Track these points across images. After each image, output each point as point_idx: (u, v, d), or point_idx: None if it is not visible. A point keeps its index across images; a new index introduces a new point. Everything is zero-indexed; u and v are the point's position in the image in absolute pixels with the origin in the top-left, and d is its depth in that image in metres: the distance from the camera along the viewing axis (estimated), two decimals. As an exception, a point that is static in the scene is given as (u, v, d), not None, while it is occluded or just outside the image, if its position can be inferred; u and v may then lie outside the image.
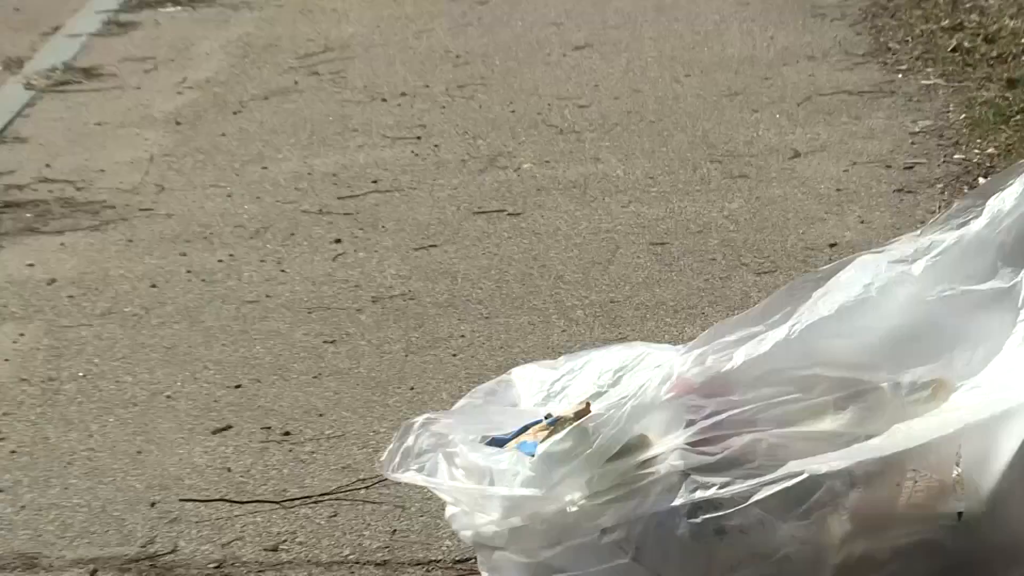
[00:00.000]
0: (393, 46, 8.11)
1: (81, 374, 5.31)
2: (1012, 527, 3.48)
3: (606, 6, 8.50)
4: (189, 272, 5.95)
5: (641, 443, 3.47)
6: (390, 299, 5.67)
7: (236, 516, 4.52)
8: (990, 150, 6.31)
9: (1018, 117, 6.55)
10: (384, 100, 7.41)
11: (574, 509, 3.48)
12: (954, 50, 7.48)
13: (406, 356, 5.27)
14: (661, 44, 7.91)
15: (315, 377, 5.21)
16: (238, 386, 5.19)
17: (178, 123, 7.28)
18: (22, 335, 5.60)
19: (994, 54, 7.36)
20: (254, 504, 4.55)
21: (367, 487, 4.38)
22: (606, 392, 3.55)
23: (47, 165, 6.84)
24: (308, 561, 4.29)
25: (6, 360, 5.42)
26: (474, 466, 3.54)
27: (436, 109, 7.29)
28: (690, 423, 3.44)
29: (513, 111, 7.18)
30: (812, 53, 7.76)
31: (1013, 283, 3.44)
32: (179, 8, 8.84)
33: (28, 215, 6.38)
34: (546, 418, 3.57)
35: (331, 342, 5.42)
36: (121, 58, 8.17)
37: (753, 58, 7.74)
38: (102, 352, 5.45)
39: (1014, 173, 3.49)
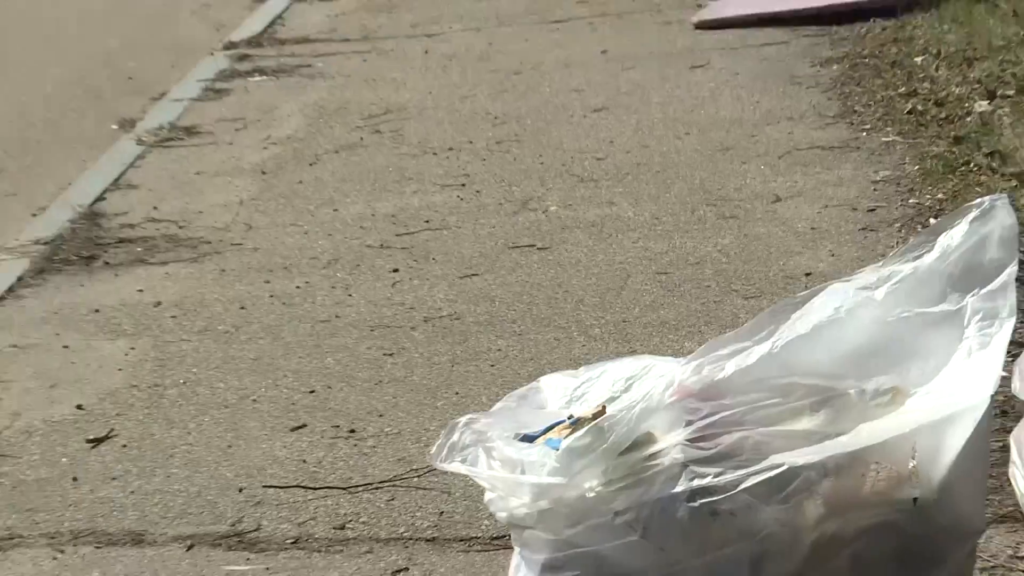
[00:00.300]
0: (442, 109, 8.12)
1: (181, 381, 5.34)
2: (958, 511, 3.48)
3: (619, 76, 8.50)
4: (272, 296, 5.98)
5: (648, 439, 3.47)
6: (439, 319, 5.68)
7: (309, 500, 4.54)
8: (939, 196, 6.30)
9: (963, 168, 6.54)
10: (435, 154, 7.42)
11: (592, 495, 3.48)
12: (909, 112, 7.46)
13: (452, 367, 5.27)
14: (665, 108, 7.91)
15: (376, 384, 5.22)
16: (312, 391, 5.21)
17: (263, 173, 7.29)
18: (132, 348, 5.63)
19: (943, 116, 7.34)
20: (325, 490, 4.57)
21: (419, 476, 4.41)
22: (619, 397, 3.54)
23: (154, 207, 6.86)
24: (369, 538, 4.30)
25: (119, 369, 5.44)
26: (508, 458, 3.54)
27: (478, 161, 7.29)
28: (689, 423, 3.44)
29: (542, 163, 7.18)
30: (791, 115, 7.74)
31: (959, 307, 3.44)
32: (265, 78, 8.86)
33: (138, 249, 6.43)
34: (569, 419, 3.57)
35: (389, 355, 5.43)
36: (216, 119, 8.17)
37: (742, 119, 7.73)
38: (199, 363, 5.48)
39: (960, 215, 3.49)
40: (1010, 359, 3.47)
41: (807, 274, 5.42)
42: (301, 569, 4.17)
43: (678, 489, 3.39)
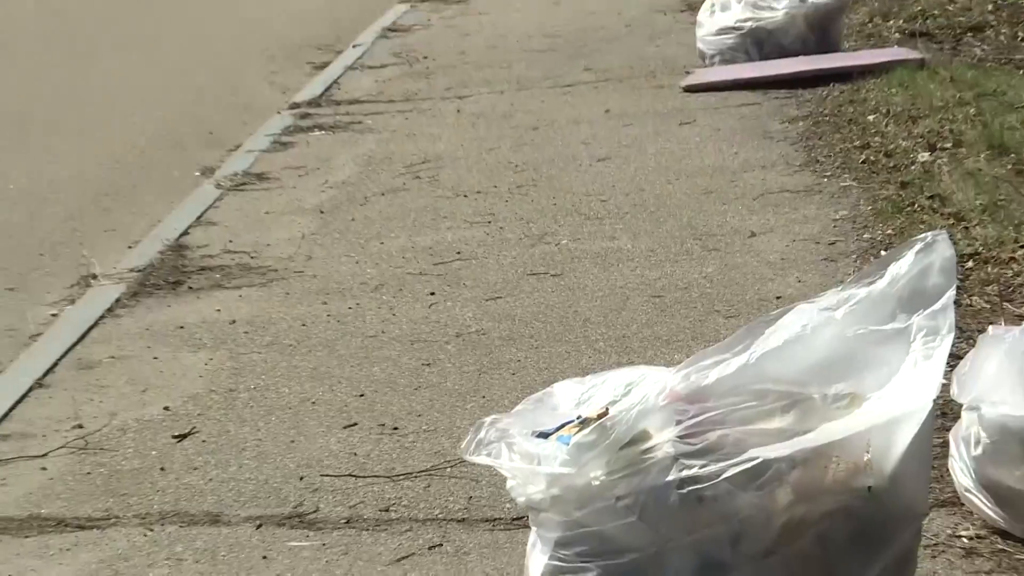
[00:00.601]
0: (471, 159, 8.14)
1: (252, 387, 5.35)
2: (906, 497, 3.48)
3: (620, 131, 8.51)
4: (328, 315, 5.99)
5: (644, 436, 3.47)
6: (468, 335, 5.68)
7: (359, 487, 4.54)
8: (889, 231, 6.29)
9: (908, 209, 6.53)
10: (465, 196, 7.43)
11: (596, 483, 3.47)
12: (863, 162, 7.46)
13: (479, 375, 5.28)
14: (658, 157, 7.91)
15: (415, 389, 5.23)
16: (362, 395, 5.22)
17: (321, 212, 7.32)
18: (211, 359, 5.65)
19: (891, 165, 7.33)
20: (372, 478, 4.57)
21: (452, 466, 4.44)
22: (619, 400, 3.53)
23: (230, 241, 6.89)
24: (410, 519, 4.30)
25: (200, 377, 5.47)
26: (526, 452, 3.54)
27: (501, 202, 7.30)
28: (679, 422, 3.44)
29: (555, 204, 7.18)
30: (764, 164, 7.74)
31: (907, 325, 3.44)
32: (323, 132, 8.90)
33: (217, 276, 6.47)
34: (577, 419, 3.57)
35: (427, 364, 5.43)
36: (282, 167, 8.21)
37: (723, 167, 7.73)
38: (267, 371, 5.51)
39: (906, 247, 3.48)
40: (949, 369, 3.48)
41: (778, 297, 5.42)
42: (352, 545, 4.19)
43: (670, 478, 3.38)
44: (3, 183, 8.37)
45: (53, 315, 6.27)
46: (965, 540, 4.01)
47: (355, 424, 4.99)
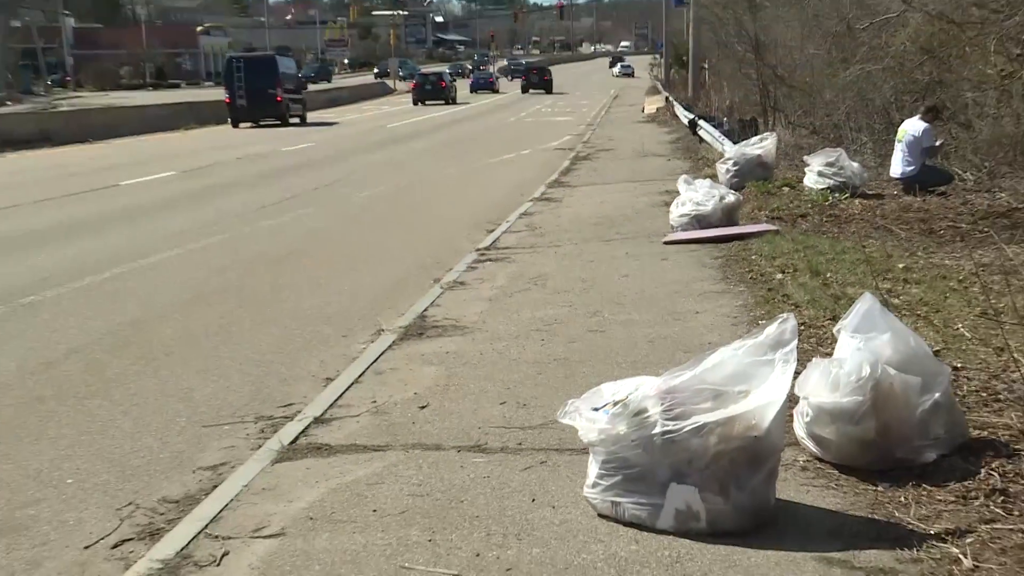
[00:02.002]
0: (561, 275, 8.12)
1: (456, 383, 5.33)
2: (773, 441, 3.48)
3: (632, 263, 8.58)
4: (493, 350, 5.90)
5: (644, 410, 3.51)
6: (560, 360, 5.62)
7: (507, 433, 4.54)
8: (763, 312, 6.25)
9: (772, 302, 6.50)
10: (558, 293, 7.43)
11: (621, 433, 3.51)
12: (750, 279, 7.38)
13: (565, 379, 5.25)
14: (651, 276, 7.95)
15: (535, 385, 5.20)
16: (508, 388, 5.20)
17: (490, 300, 7.32)
18: (436, 370, 5.57)
19: (763, 280, 7.28)
20: (513, 429, 4.61)
21: (552, 424, 4.32)
22: (633, 392, 3.55)
23: (447, 314, 6.89)
24: (534, 449, 4.35)
25: (431, 378, 5.41)
26: (588, 417, 3.61)
27: (575, 296, 7.28)
28: (662, 403, 3.47)
29: (601, 297, 7.17)
30: (702, 279, 7.68)
31: (773, 357, 3.46)
32: (491, 262, 8.93)
33: (439, 331, 6.44)
34: (613, 402, 3.60)
35: (540, 373, 5.39)
36: (472, 278, 8.17)
37: (682, 280, 7.66)
38: (463, 376, 5.43)
39: (774, 320, 3.53)
40: (794, 379, 3.47)
41: (709, 343, 5.30)
42: (503, 461, 4.19)
43: (656, 431, 3.44)
44: (337, 288, 8.39)
45: (362, 348, 6.24)
46: (801, 462, 4.00)
47: (504, 402, 4.95)
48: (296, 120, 33.66)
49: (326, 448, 4.40)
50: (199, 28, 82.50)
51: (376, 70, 79.48)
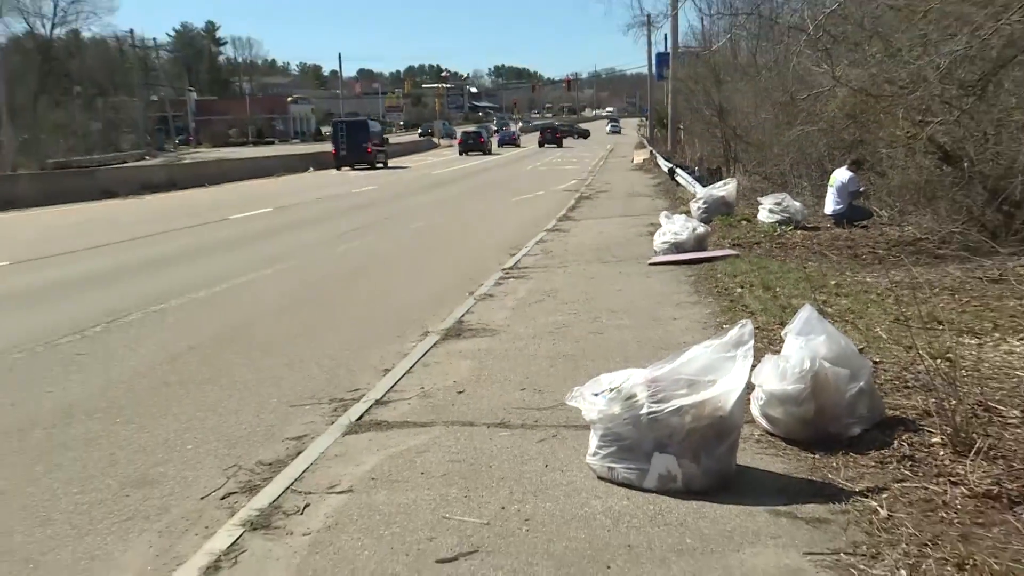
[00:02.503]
0: (568, 288, 8.04)
1: (487, 374, 5.27)
2: (735, 419, 3.42)
3: (623, 280, 8.46)
4: (515, 348, 5.86)
5: (634, 395, 3.46)
6: (568, 355, 5.58)
7: (526, 412, 4.48)
8: (726, 319, 6.18)
9: (733, 311, 6.43)
10: (566, 303, 7.36)
11: (615, 413, 3.46)
12: (716, 293, 7.31)
13: (574, 370, 5.19)
14: (639, 290, 7.85)
15: (547, 375, 5.13)
16: (527, 377, 5.13)
17: (513, 308, 7.26)
18: (471, 364, 5.49)
19: (727, 294, 7.21)
20: (531, 409, 4.55)
21: (562, 406, 4.26)
22: (625, 381, 3.51)
23: (479, 319, 6.83)
24: (545, 425, 4.29)
25: (467, 369, 5.35)
26: (590, 401, 3.54)
27: (580, 306, 7.18)
28: (647, 388, 3.41)
29: (601, 307, 7.09)
30: (679, 292, 7.60)
31: (735, 354, 3.40)
32: (513, 279, 8.82)
33: (472, 332, 6.41)
34: (609, 389, 3.56)
35: (552, 366, 5.33)
36: (499, 292, 8.11)
37: (663, 293, 7.58)
38: (493, 368, 5.38)
39: (735, 325, 3.48)
40: (751, 371, 3.41)
41: (684, 343, 5.27)
42: (523, 434, 4.13)
43: (643, 411, 3.40)
44: (392, 300, 8.35)
45: (412, 346, 6.19)
46: (756, 436, 3.95)
47: (524, 389, 4.91)
48: (380, 165, 36.55)
49: (384, 424, 4.40)
50: (289, 98, 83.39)
51: (420, 130, 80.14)
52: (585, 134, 63.94)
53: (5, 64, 39.23)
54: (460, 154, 47.75)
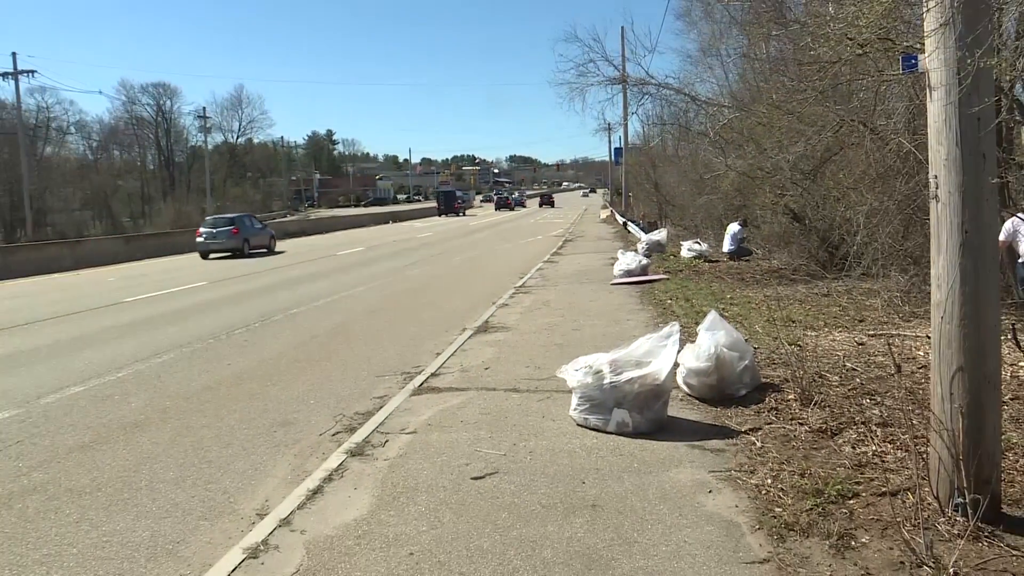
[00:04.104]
0: (557, 301, 7.89)
1: (506, 355, 5.16)
2: (667, 385, 3.39)
3: (592, 294, 8.24)
4: (524, 339, 5.73)
5: (600, 371, 3.41)
6: (559, 344, 5.49)
7: (530, 382, 4.39)
8: (662, 322, 6.06)
9: (666, 316, 6.31)
10: (557, 310, 7.22)
11: (589, 382, 3.42)
12: (653, 303, 7.16)
13: (560, 353, 5.09)
14: (603, 301, 7.68)
15: (545, 357, 5.02)
16: (531, 359, 5.03)
17: (521, 313, 7.05)
18: (493, 349, 5.44)
19: (661, 305, 7.11)
20: (533, 379, 4.45)
21: (553, 377, 4.21)
22: (595, 361, 3.48)
23: (498, 322, 6.64)
24: (541, 391, 4.20)
25: (490, 355, 5.26)
26: (572, 374, 3.50)
27: (566, 312, 6.94)
28: (611, 366, 3.38)
29: (580, 312, 6.95)
30: (630, 303, 7.44)
31: (667, 342, 3.36)
32: (522, 295, 8.60)
33: (495, 328, 6.32)
34: (586, 366, 3.51)
35: (548, 352, 5.21)
36: (514, 305, 7.86)
37: (620, 303, 7.43)
38: (509, 352, 5.29)
39: (668, 325, 3.42)
40: (678, 354, 3.37)
41: (634, 335, 5.17)
42: (527, 397, 4.08)
43: (606, 381, 3.35)
44: (442, 307, 8.12)
45: (454, 338, 6.12)
46: (680, 397, 3.88)
47: (528, 366, 4.85)
48: (463, 215, 41.14)
49: (436, 389, 4.41)
50: (377, 176, 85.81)
51: (481, 196, 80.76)
52: (551, 203, 60.30)
53: (210, 160, 45.84)
54: (496, 209, 52.53)
